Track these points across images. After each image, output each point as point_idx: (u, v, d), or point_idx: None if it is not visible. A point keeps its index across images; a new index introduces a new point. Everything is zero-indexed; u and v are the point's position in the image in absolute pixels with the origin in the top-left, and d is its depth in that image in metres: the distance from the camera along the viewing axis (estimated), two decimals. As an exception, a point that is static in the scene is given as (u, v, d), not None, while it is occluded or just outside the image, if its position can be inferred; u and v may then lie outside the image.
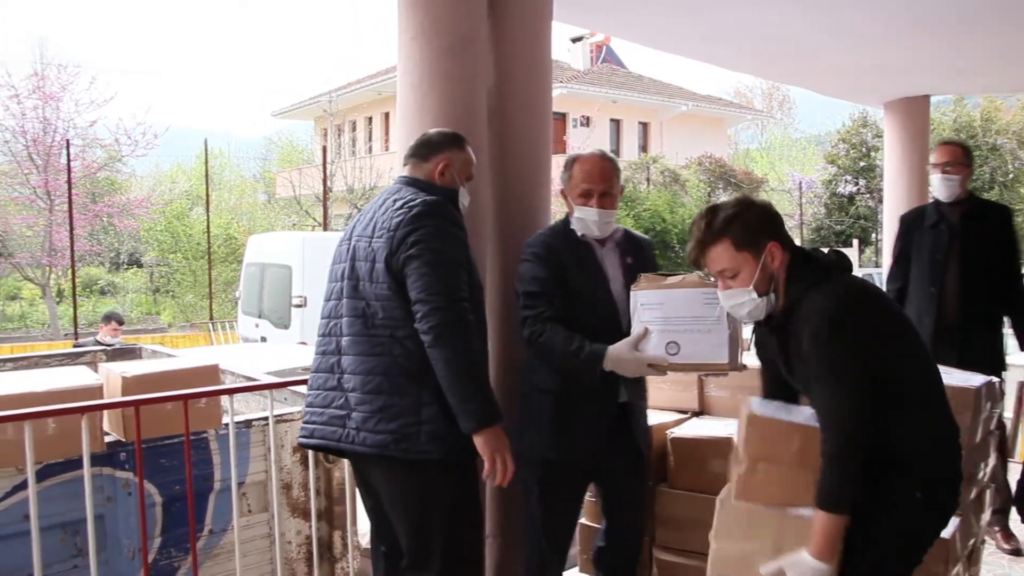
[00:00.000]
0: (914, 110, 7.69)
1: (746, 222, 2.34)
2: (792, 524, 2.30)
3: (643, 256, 3.23)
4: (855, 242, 18.56)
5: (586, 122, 24.86)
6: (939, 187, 4.38)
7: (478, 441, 2.58)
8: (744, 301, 2.37)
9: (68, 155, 14.26)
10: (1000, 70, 6.86)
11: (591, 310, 3.04)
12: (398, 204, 2.72)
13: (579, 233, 3.11)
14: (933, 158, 4.43)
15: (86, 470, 2.75)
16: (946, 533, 3.06)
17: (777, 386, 2.57)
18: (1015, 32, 5.54)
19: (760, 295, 2.35)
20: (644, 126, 28.03)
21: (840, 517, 2.16)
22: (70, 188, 13.79)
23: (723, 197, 22.36)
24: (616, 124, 27.11)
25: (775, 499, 2.36)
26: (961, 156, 4.38)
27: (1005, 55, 6.25)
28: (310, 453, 3.33)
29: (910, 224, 4.60)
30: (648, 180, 22.53)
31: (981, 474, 3.40)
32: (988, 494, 3.56)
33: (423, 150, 2.90)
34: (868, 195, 23.57)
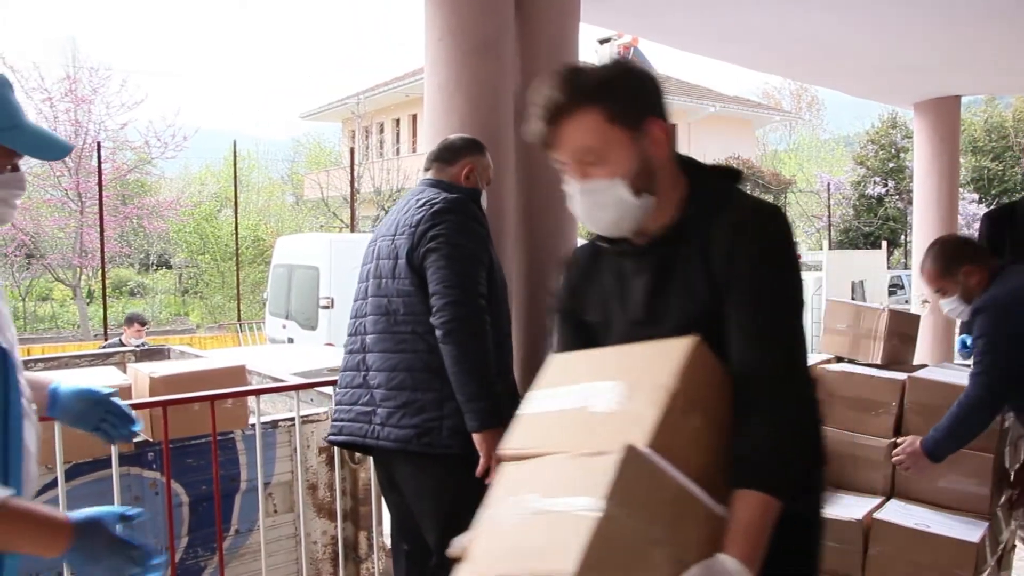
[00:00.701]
0: (945, 110, 7.60)
1: (627, 89, 1.67)
2: (693, 510, 1.44)
3: None
4: (884, 244, 18.35)
5: (613, 123, 24.77)
6: None
7: (477, 439, 2.59)
8: (609, 199, 1.63)
9: (99, 157, 14.39)
10: (1034, 70, 6.77)
11: None
12: (420, 202, 2.75)
13: None
14: None
15: (114, 470, 2.78)
16: (974, 537, 3.02)
17: (583, 341, 1.85)
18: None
19: (635, 193, 1.64)
20: (672, 127, 27.88)
21: (779, 504, 1.49)
22: (101, 190, 13.90)
23: (751, 199, 22.22)
24: (643, 125, 26.98)
25: (691, 467, 1.45)
26: None
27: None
28: (336, 453, 3.33)
29: (1001, 221, 4.54)
30: (675, 182, 22.36)
31: (1012, 476, 3.36)
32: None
33: (447, 154, 2.90)
34: (897, 196, 23.34)
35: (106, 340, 13.07)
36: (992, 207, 4.65)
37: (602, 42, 28.18)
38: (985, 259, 3.23)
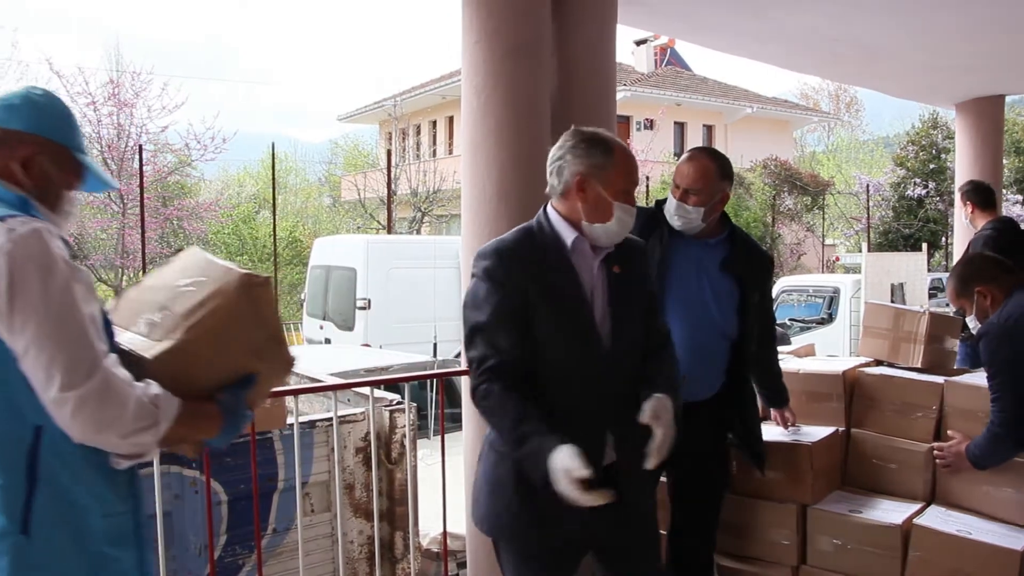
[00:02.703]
0: (988, 110, 7.48)
1: None
2: None
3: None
4: (924, 246, 18.10)
5: (650, 125, 24.71)
6: None
7: None
8: None
9: (140, 160, 14.59)
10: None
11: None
12: None
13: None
14: None
15: (155, 468, 2.81)
16: (1017, 545, 2.98)
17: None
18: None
19: None
20: (709, 129, 27.74)
21: None
22: (142, 192, 14.09)
23: (788, 201, 22.03)
24: (680, 127, 26.89)
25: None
26: None
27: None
28: (372, 454, 3.35)
29: None
30: (712, 183, 22.20)
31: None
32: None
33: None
34: (938, 198, 22.99)
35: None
36: None
37: (639, 43, 28.10)
38: (1002, 279, 3.26)
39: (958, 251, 5.95)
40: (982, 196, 5.55)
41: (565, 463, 2.10)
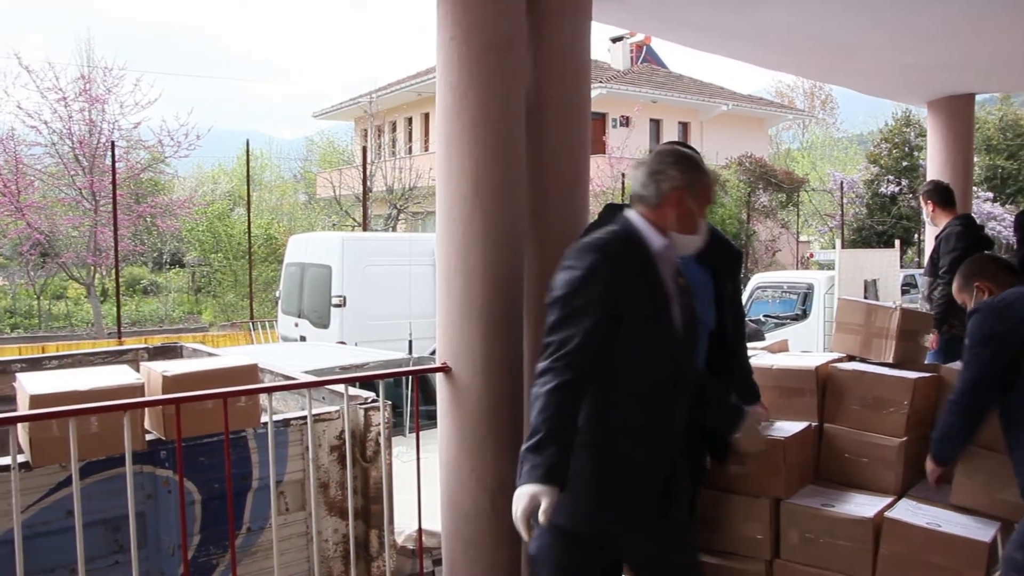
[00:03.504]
0: (958, 109, 7.55)
1: None
2: None
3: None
4: (897, 243, 18.23)
5: (626, 122, 24.76)
6: None
7: None
8: None
9: (113, 157, 14.45)
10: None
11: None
12: None
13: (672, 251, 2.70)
14: None
15: (128, 468, 2.79)
16: (986, 537, 3.02)
17: None
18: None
19: None
20: (684, 126, 27.85)
21: None
22: (115, 189, 13.97)
23: (763, 197, 22.15)
24: (656, 124, 26.97)
25: None
26: None
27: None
28: (347, 452, 3.34)
29: None
30: (687, 180, 22.27)
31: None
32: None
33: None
34: (911, 195, 23.19)
35: (120, 338, 13.13)
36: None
37: (615, 40, 28.16)
38: (1001, 276, 3.38)
39: (930, 248, 6.04)
40: (942, 196, 5.86)
41: (540, 500, 2.29)
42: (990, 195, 23.00)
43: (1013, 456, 3.10)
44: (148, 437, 3.11)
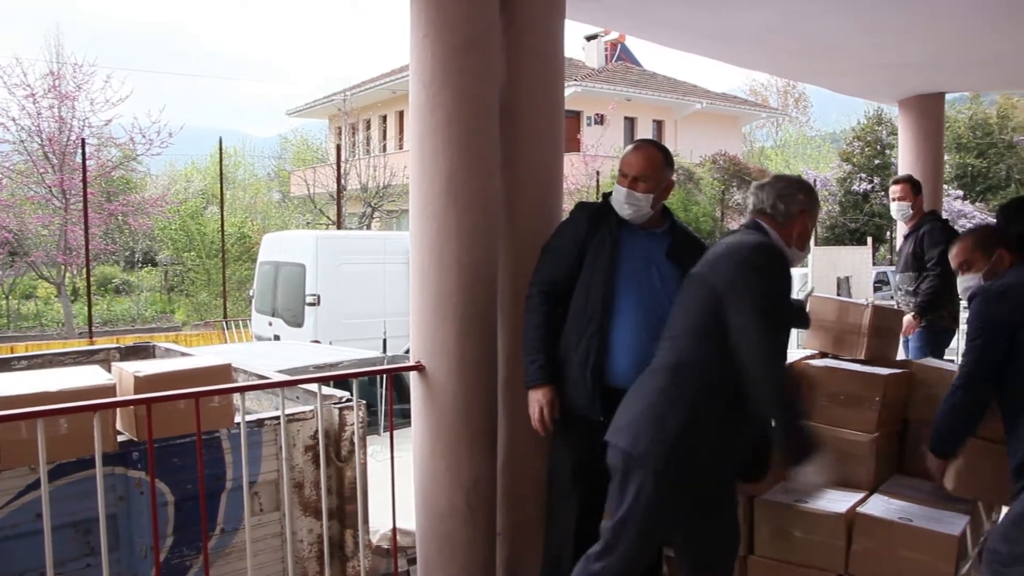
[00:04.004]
0: (929, 107, 7.63)
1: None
2: None
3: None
4: (869, 240, 18.38)
5: (600, 120, 24.82)
6: None
7: None
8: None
9: (83, 154, 14.30)
10: (1016, 67, 6.79)
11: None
12: None
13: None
14: None
15: (98, 469, 2.76)
16: (955, 530, 3.05)
17: None
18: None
19: None
20: (658, 124, 27.95)
21: None
22: (85, 187, 13.83)
23: (737, 195, 22.27)
24: (630, 122, 27.05)
25: None
26: None
27: (1022, 52, 6.19)
28: (321, 452, 3.33)
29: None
30: (662, 178, 22.36)
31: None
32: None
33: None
34: (883, 193, 23.40)
35: (91, 338, 12.99)
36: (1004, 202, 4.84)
37: (589, 39, 28.21)
38: (1020, 253, 3.37)
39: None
40: (919, 189, 5.99)
41: None
42: (960, 193, 23.26)
43: (1009, 439, 3.13)
44: (120, 438, 3.08)
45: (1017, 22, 5.34)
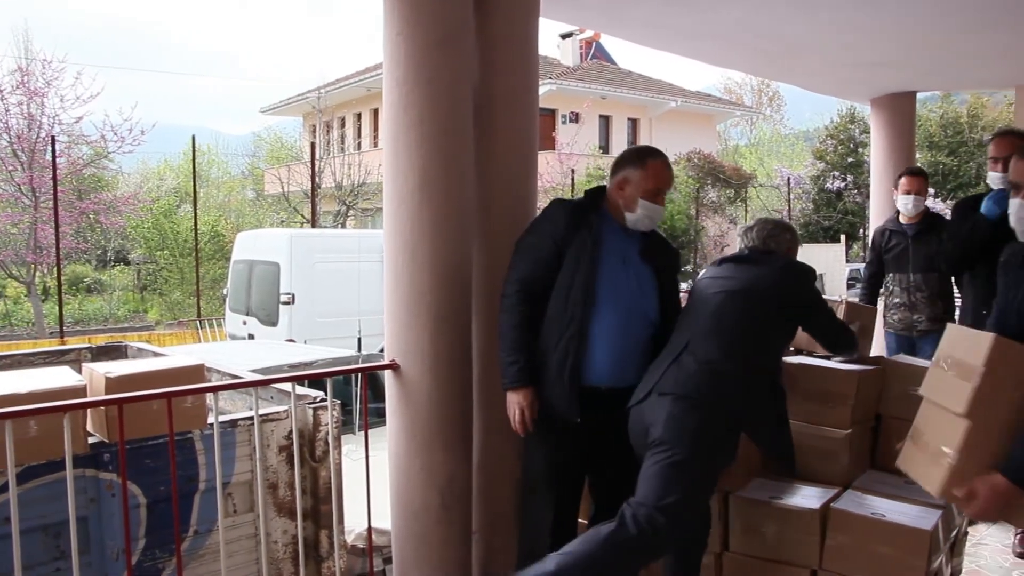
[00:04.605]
0: (901, 106, 7.71)
1: None
2: None
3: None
4: (842, 238, 18.58)
5: (575, 118, 24.85)
6: None
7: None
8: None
9: (53, 152, 14.13)
10: (986, 67, 6.87)
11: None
12: None
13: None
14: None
15: (68, 472, 2.72)
16: (927, 525, 3.08)
17: None
18: (1001, 30, 5.55)
19: None
20: (633, 122, 28.02)
21: None
22: (55, 185, 13.66)
23: (712, 193, 22.38)
24: (605, 120, 27.10)
25: None
26: None
27: (992, 52, 6.26)
28: (295, 452, 3.31)
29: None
30: (637, 176, 22.43)
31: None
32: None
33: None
34: (856, 191, 23.64)
35: (62, 338, 12.85)
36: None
37: (564, 37, 28.24)
38: None
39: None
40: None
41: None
42: (932, 191, 23.49)
43: None
44: (91, 440, 3.04)
45: (986, 22, 5.40)
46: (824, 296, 3.76)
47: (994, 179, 4.42)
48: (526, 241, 3.34)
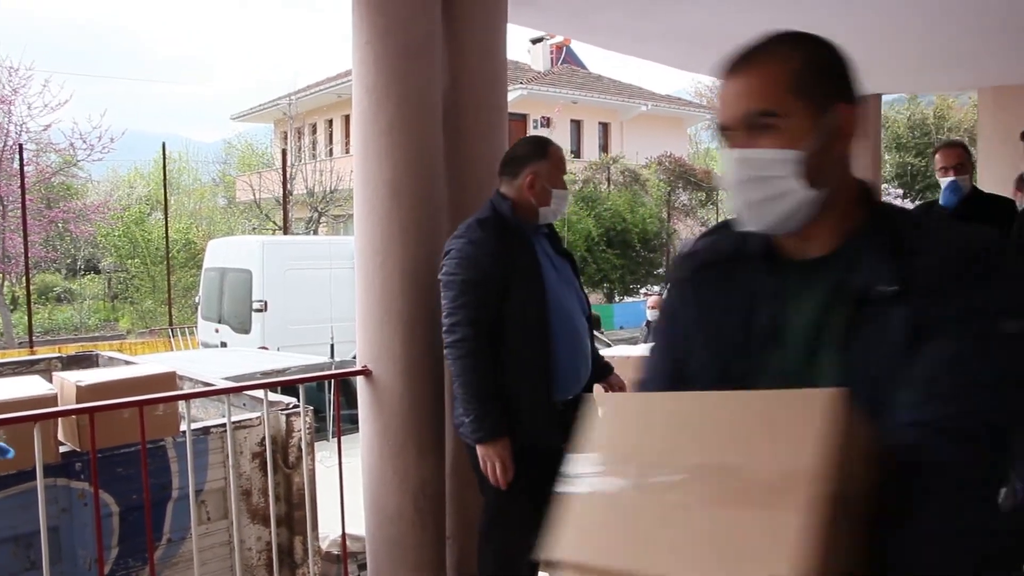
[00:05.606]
0: (866, 108, 7.81)
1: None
2: None
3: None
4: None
5: (547, 123, 24.92)
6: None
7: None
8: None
9: (21, 160, 14.04)
10: (951, 69, 6.98)
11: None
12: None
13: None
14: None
15: (39, 481, 2.71)
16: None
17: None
18: (966, 33, 5.66)
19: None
20: (604, 126, 28.14)
21: None
22: (23, 193, 13.55)
23: (683, 196, 22.52)
24: (577, 125, 27.20)
25: None
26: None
27: (957, 55, 6.37)
28: (268, 459, 3.31)
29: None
30: (608, 180, 22.64)
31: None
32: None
33: (509, 167, 3.19)
34: (825, 192, 23.81)
35: (32, 348, 12.73)
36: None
37: (535, 42, 28.31)
38: None
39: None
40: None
41: None
42: (900, 191, 23.80)
43: None
44: (62, 449, 3.04)
45: (951, 25, 5.50)
46: None
47: (945, 183, 4.80)
48: (465, 279, 3.03)
